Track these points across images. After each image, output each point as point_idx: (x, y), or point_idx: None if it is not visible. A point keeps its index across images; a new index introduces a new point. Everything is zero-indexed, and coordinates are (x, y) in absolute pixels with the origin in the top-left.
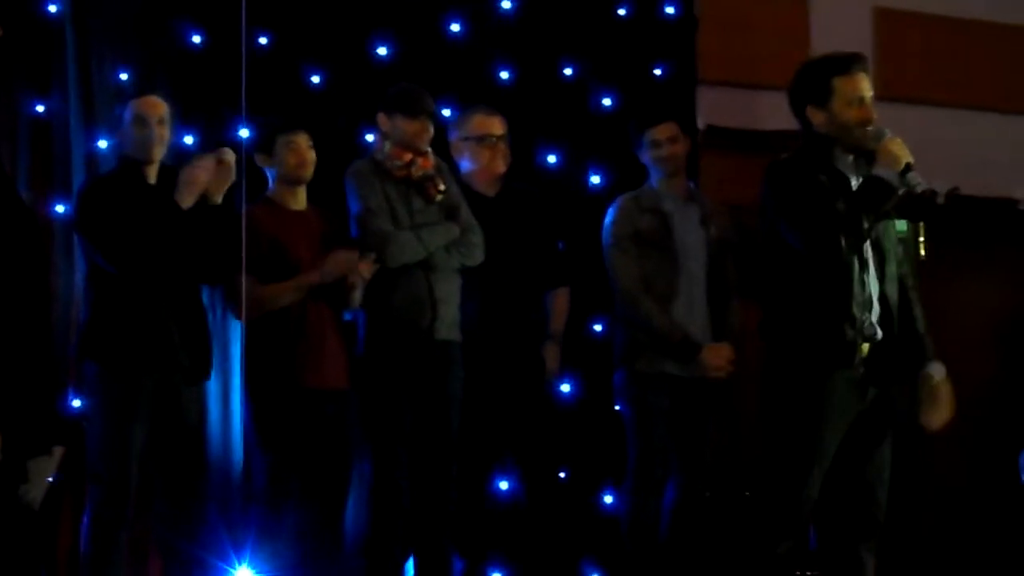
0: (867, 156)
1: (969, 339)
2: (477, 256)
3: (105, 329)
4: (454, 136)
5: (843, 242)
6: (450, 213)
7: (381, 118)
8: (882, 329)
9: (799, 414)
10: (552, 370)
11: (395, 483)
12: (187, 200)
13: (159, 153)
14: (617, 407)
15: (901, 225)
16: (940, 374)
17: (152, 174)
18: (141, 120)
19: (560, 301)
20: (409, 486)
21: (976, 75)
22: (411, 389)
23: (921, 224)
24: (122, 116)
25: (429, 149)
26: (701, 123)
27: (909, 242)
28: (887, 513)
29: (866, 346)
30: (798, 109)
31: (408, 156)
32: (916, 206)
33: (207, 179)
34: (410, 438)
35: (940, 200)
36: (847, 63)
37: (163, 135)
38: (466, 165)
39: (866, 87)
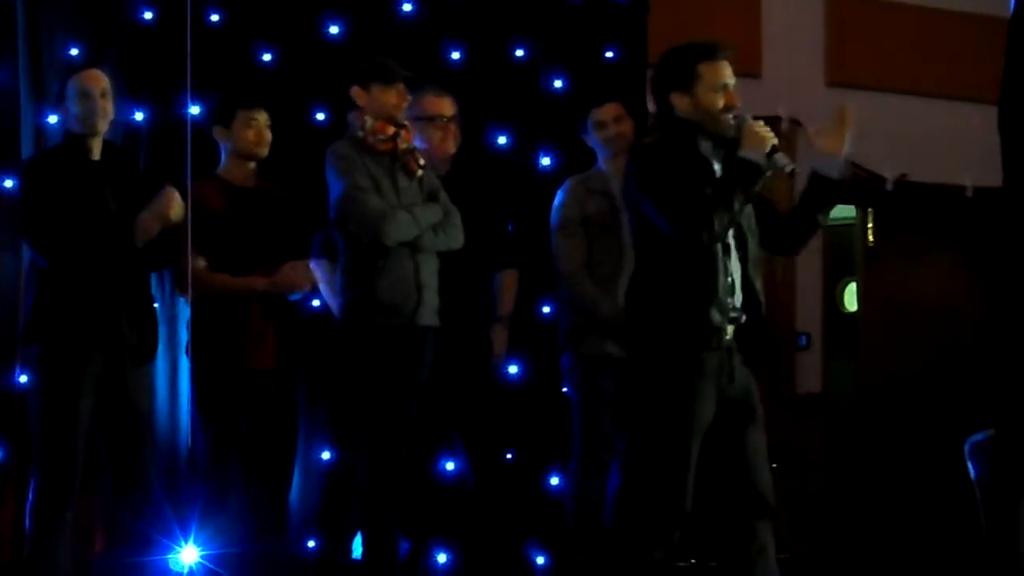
0: (727, 143)
1: (916, 324)
2: (459, 239)
3: (51, 309)
4: (406, 115)
5: (715, 225)
6: (431, 195)
7: (357, 91)
8: (746, 312)
9: (668, 398)
10: (499, 352)
11: (351, 464)
12: (140, 241)
13: (103, 126)
14: (565, 389)
15: (849, 211)
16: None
17: (96, 149)
18: (84, 93)
19: (508, 283)
20: (364, 466)
21: (925, 62)
22: (384, 372)
23: (870, 210)
24: (64, 91)
25: (407, 123)
26: (651, 106)
27: (857, 228)
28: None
29: (730, 328)
30: (661, 94)
31: (392, 129)
32: (864, 192)
33: (159, 228)
34: (374, 420)
35: (889, 186)
36: (712, 49)
37: (106, 108)
38: (417, 144)
39: (729, 74)
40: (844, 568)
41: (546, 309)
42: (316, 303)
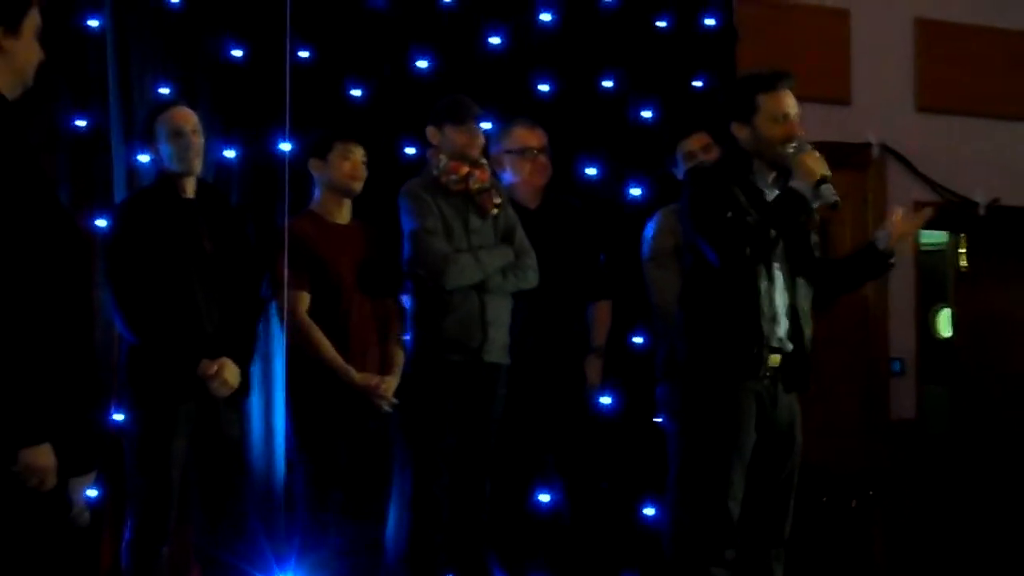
0: (787, 173)
1: (1010, 349)
2: (531, 279)
3: (145, 360)
4: (495, 149)
5: (748, 252)
6: (506, 235)
7: (431, 132)
8: (793, 342)
9: (713, 424)
10: (594, 383)
11: (434, 497)
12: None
13: (199, 164)
14: (658, 419)
15: (941, 236)
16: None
17: (190, 187)
18: (177, 132)
19: (602, 314)
20: (448, 501)
21: (1017, 85)
22: (456, 408)
23: (962, 235)
24: (153, 130)
25: (485, 162)
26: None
27: (949, 253)
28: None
29: (776, 357)
30: (722, 124)
31: (465, 169)
32: (957, 217)
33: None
34: (452, 455)
35: (981, 211)
36: (772, 80)
37: (199, 145)
38: (507, 178)
39: (791, 104)
40: None
41: (638, 340)
42: (407, 337)
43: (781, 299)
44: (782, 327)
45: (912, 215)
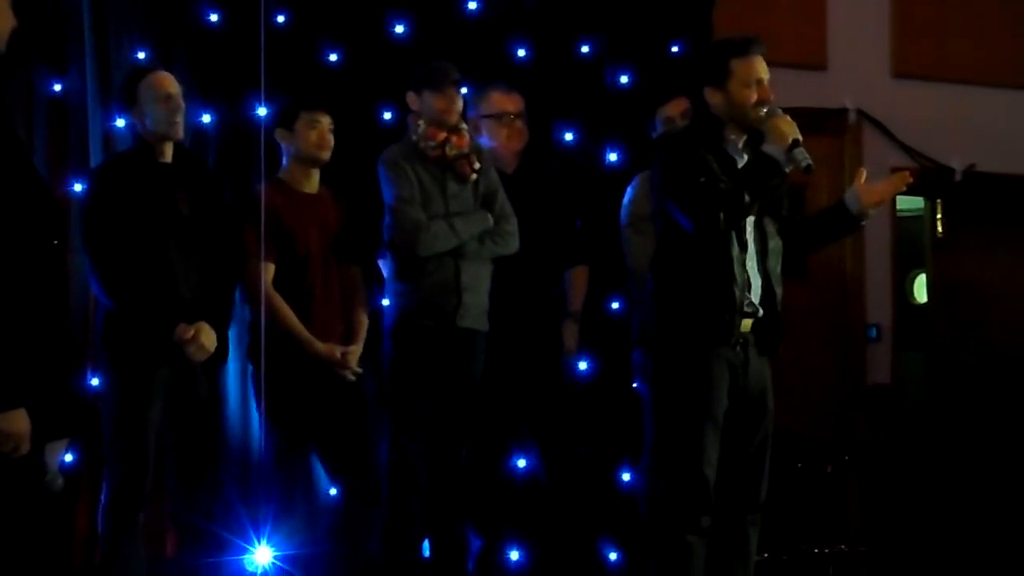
0: (758, 138)
1: (986, 315)
2: (512, 245)
3: (122, 325)
4: (472, 113)
5: (721, 218)
6: (487, 199)
7: (411, 97)
8: (764, 306)
9: (686, 390)
10: (570, 348)
11: (410, 463)
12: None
13: (181, 129)
14: (635, 385)
15: (917, 202)
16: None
17: (168, 152)
18: (165, 96)
19: (579, 279)
20: (424, 467)
21: (992, 51)
22: (431, 373)
23: (938, 201)
24: (135, 94)
25: (464, 127)
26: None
27: (926, 219)
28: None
29: (748, 322)
30: (695, 90)
31: (442, 135)
32: (933, 183)
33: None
34: (427, 421)
35: (957, 177)
36: (745, 45)
37: (183, 109)
38: (483, 143)
39: (763, 69)
40: (913, 561)
41: (615, 305)
42: (385, 302)
43: (752, 264)
44: (755, 292)
45: (890, 180)
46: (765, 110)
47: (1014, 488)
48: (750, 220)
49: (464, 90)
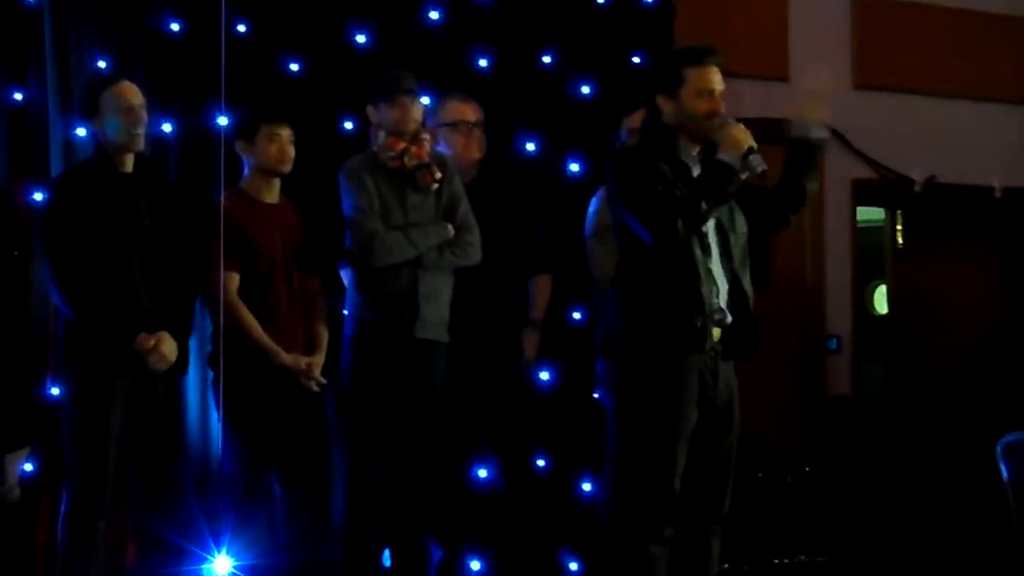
0: (710, 147)
1: (946, 326)
2: (473, 256)
3: (82, 335)
4: (431, 122)
5: (680, 226)
6: (449, 210)
7: (370, 110)
8: (734, 311)
9: (657, 401)
10: (530, 357)
11: (368, 473)
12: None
13: (143, 140)
14: (596, 395)
15: (878, 213)
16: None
17: (128, 162)
18: (126, 107)
19: (541, 287)
20: (383, 477)
21: (953, 63)
22: (389, 383)
23: (899, 212)
24: (97, 104)
25: (426, 137)
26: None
27: (886, 230)
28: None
29: (717, 331)
30: (648, 97)
31: (401, 145)
32: (893, 194)
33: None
34: (384, 431)
35: (917, 188)
36: (700, 55)
37: (144, 121)
38: (442, 151)
39: (718, 80)
40: (873, 571)
41: (577, 315)
42: (345, 312)
43: (717, 268)
44: (722, 296)
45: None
46: (717, 121)
47: (972, 498)
48: (710, 224)
49: (426, 100)
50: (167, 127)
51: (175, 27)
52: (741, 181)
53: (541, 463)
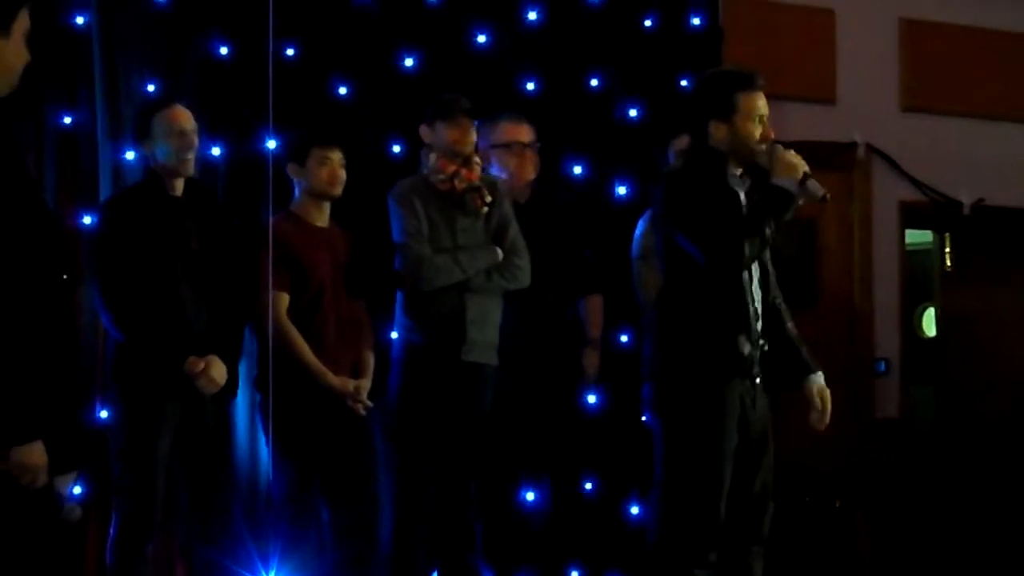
0: (755, 172)
1: (994, 349)
2: (522, 280)
3: (132, 358)
4: (483, 144)
5: (747, 252)
6: (498, 233)
7: (424, 130)
8: (767, 338)
9: (703, 424)
10: (591, 375)
11: (416, 496)
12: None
13: (193, 165)
14: (644, 418)
15: (926, 236)
16: (821, 381)
17: (179, 185)
18: (179, 131)
19: (594, 307)
20: (432, 500)
21: (1000, 85)
22: (438, 406)
23: (947, 235)
24: (149, 128)
25: (477, 160)
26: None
27: (935, 253)
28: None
29: (757, 355)
30: (699, 122)
31: (452, 168)
32: (941, 217)
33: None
34: (433, 454)
35: (966, 211)
36: (751, 79)
37: (197, 144)
38: (495, 173)
39: (764, 105)
40: None
41: (624, 338)
42: (394, 335)
43: (758, 297)
44: (760, 325)
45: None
46: (767, 147)
47: (1022, 522)
48: None
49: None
50: (216, 150)
51: (224, 51)
52: (799, 207)
53: (589, 486)
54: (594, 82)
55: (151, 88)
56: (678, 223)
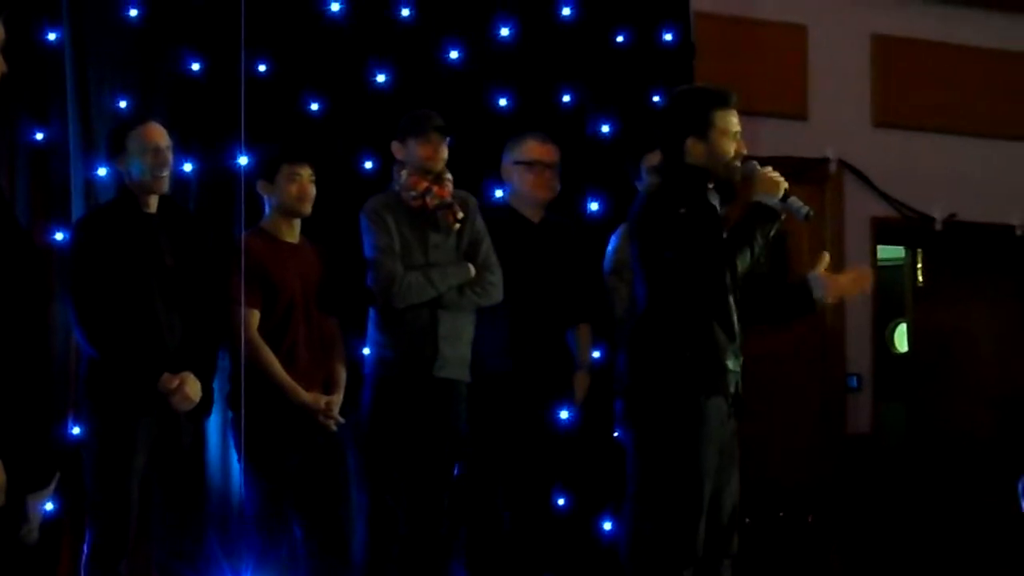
0: (727, 189)
1: (966, 364)
2: (494, 296)
3: (106, 375)
4: (506, 160)
5: (739, 268)
6: (471, 249)
7: (395, 146)
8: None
9: (681, 441)
10: (580, 398)
11: (388, 512)
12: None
13: (167, 183)
14: (616, 434)
15: (898, 251)
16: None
17: (152, 203)
18: (153, 148)
19: (584, 335)
20: (403, 516)
21: (973, 101)
22: (407, 422)
23: (919, 251)
24: (124, 144)
25: (448, 177)
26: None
27: (906, 268)
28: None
29: (738, 371)
30: (675, 139)
31: (423, 184)
32: (913, 233)
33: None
34: (405, 469)
35: (938, 227)
36: (726, 96)
37: (171, 162)
38: (513, 189)
39: (738, 122)
40: None
41: (596, 354)
42: (367, 351)
43: (735, 313)
44: (740, 341)
45: (855, 279)
46: (742, 164)
47: (992, 538)
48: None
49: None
50: (188, 166)
51: (195, 66)
52: (782, 223)
53: (561, 501)
54: (566, 98)
55: (123, 104)
56: (666, 242)
